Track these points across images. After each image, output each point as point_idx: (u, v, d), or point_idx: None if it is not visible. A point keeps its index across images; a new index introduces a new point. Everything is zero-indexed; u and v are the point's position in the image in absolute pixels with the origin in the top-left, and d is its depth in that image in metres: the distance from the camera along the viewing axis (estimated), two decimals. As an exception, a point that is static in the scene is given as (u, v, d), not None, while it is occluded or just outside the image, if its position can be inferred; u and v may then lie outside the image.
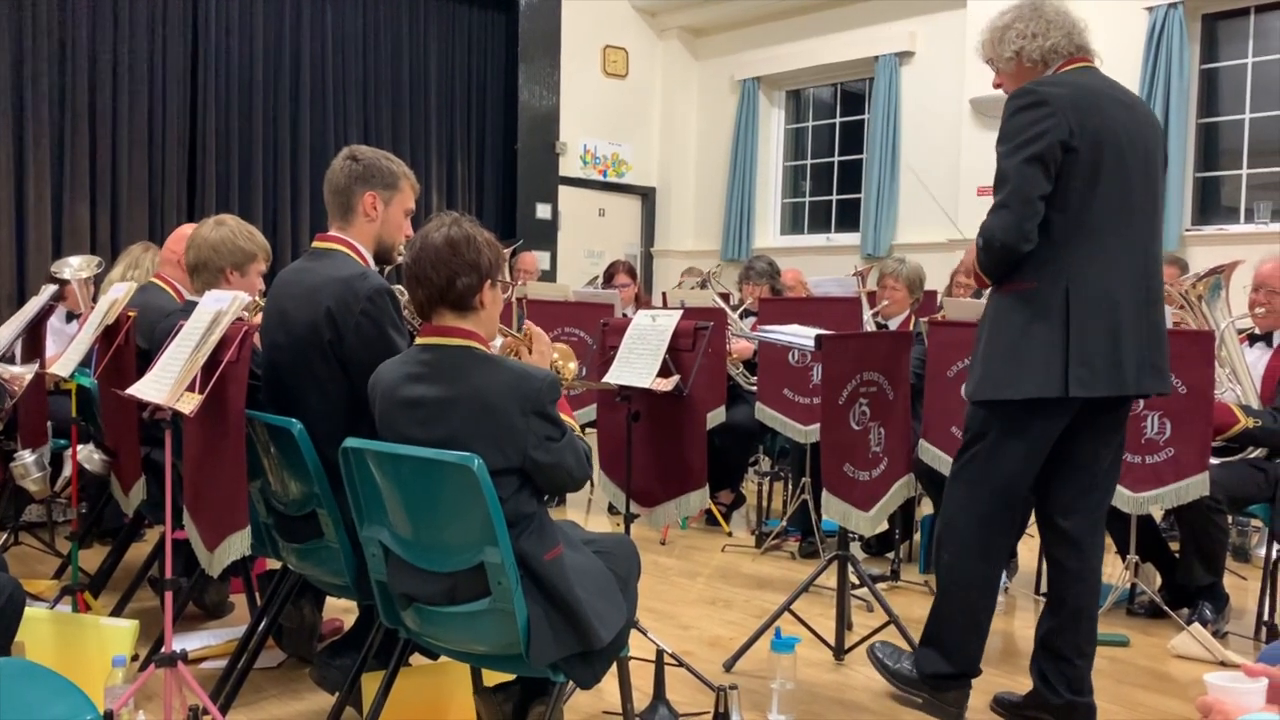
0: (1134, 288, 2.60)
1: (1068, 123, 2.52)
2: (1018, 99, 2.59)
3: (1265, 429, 3.65)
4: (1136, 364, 2.59)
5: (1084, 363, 2.54)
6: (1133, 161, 2.60)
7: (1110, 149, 2.56)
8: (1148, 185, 2.64)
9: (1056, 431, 2.68)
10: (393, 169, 2.79)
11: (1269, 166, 6.70)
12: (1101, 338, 2.55)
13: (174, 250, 3.77)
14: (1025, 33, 2.67)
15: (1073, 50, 2.67)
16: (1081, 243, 2.56)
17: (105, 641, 2.88)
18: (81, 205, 6.83)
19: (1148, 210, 2.65)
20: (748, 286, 5.76)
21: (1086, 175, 2.54)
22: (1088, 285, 2.55)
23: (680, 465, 3.36)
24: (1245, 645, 3.64)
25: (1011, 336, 2.62)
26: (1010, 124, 2.58)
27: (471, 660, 2.41)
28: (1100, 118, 2.56)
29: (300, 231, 7.80)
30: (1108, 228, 2.57)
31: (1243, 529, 4.88)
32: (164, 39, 7.15)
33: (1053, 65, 2.67)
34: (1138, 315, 2.60)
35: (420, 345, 2.25)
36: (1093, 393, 2.55)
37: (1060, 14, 2.68)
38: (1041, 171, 2.52)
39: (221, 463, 2.56)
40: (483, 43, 8.95)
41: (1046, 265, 2.57)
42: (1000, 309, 2.68)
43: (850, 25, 8.55)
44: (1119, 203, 2.58)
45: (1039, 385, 2.56)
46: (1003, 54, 2.72)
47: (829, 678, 3.27)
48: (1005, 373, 2.61)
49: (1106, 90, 2.64)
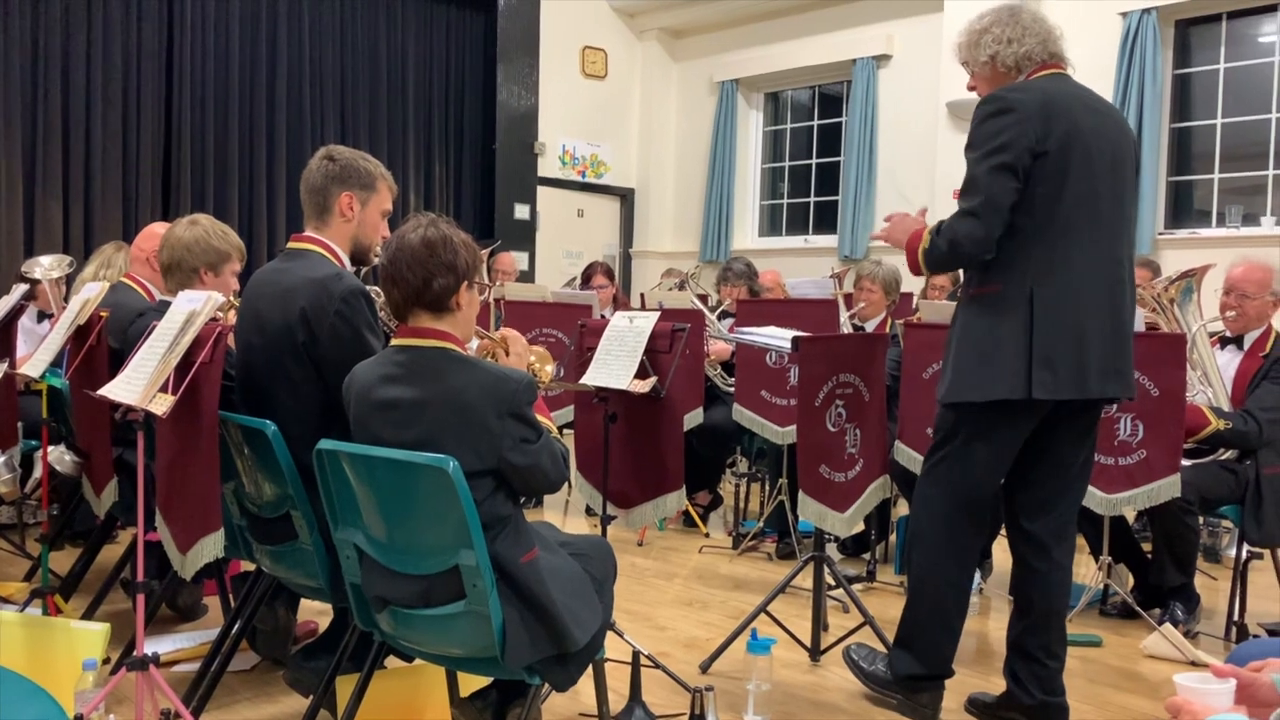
0: (1099, 292, 2.62)
1: (1034, 129, 2.54)
2: (986, 106, 2.62)
3: (1236, 431, 3.69)
4: (1099, 368, 2.61)
5: (1046, 365, 2.56)
6: (1101, 167, 2.62)
7: (1078, 155, 2.58)
8: (1116, 191, 2.66)
9: (1025, 433, 2.70)
10: (370, 169, 2.78)
11: (1240, 171, 6.78)
12: (1064, 341, 2.57)
13: (143, 249, 3.74)
14: (1001, 38, 2.69)
15: (1046, 57, 2.69)
16: (1047, 247, 2.58)
17: (76, 645, 2.85)
18: (54, 203, 6.77)
19: (1116, 216, 2.67)
20: (726, 288, 5.77)
21: (1053, 181, 2.56)
22: (1052, 289, 2.57)
23: (657, 467, 3.36)
24: (1216, 645, 3.68)
25: (977, 339, 2.64)
26: (979, 131, 2.61)
27: (446, 663, 2.41)
28: (1068, 124, 2.57)
29: (276, 231, 7.75)
30: (1073, 232, 2.59)
31: (1214, 530, 4.93)
32: (139, 35, 7.09)
33: (1026, 71, 2.69)
34: (1103, 319, 2.62)
35: (396, 346, 2.24)
36: (1055, 395, 2.57)
37: (1036, 21, 2.71)
38: (1011, 179, 2.55)
39: (195, 464, 2.54)
40: (461, 42, 8.93)
41: (1011, 268, 2.60)
42: (967, 312, 2.71)
43: (828, 28, 8.59)
44: (1086, 208, 2.60)
45: (1005, 388, 2.58)
46: (978, 58, 2.74)
47: (805, 679, 3.28)
48: (972, 375, 2.64)
49: (1076, 96, 2.66)
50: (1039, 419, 2.68)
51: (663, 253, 9.70)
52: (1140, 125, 6.75)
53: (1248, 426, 3.69)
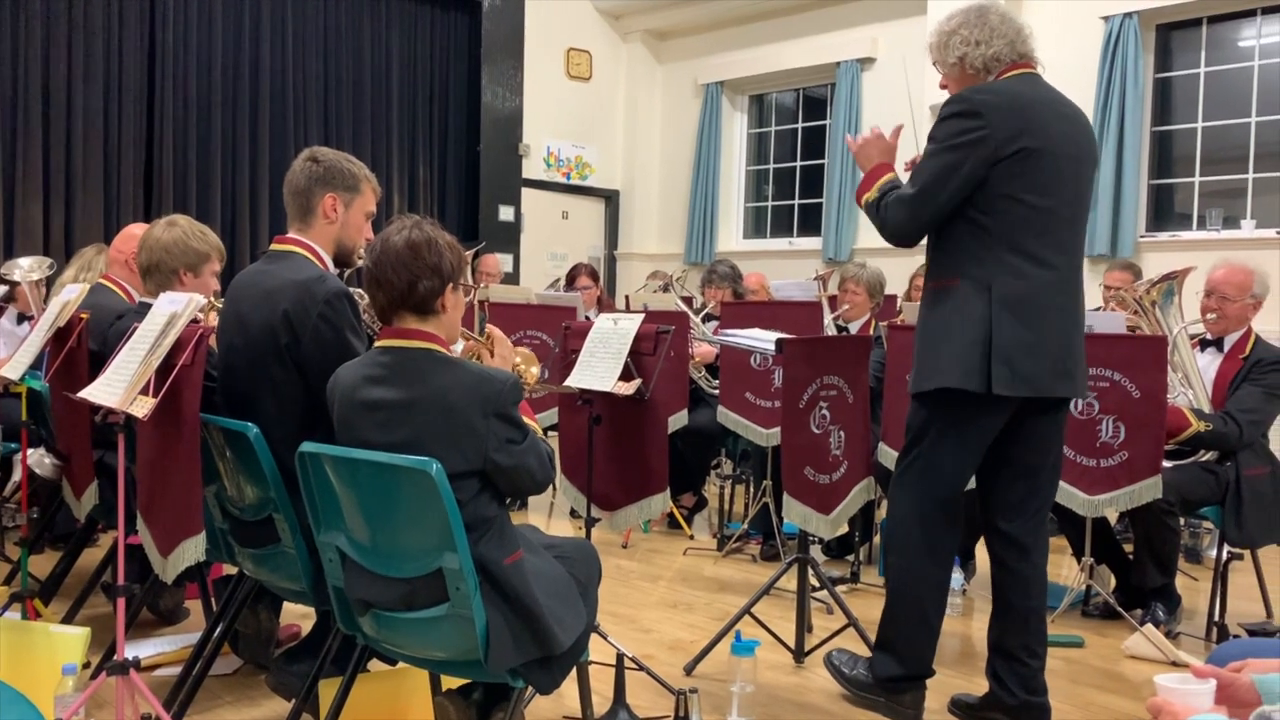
0: (1057, 293, 2.66)
1: (999, 134, 2.56)
2: (952, 105, 2.65)
3: (1216, 432, 3.72)
4: (1054, 368, 2.64)
5: (1004, 362, 2.59)
6: (1066, 171, 2.65)
7: (1045, 159, 2.60)
8: (1078, 195, 2.71)
9: (993, 430, 2.72)
10: (354, 171, 2.77)
11: (1221, 174, 6.83)
12: (1022, 340, 2.60)
13: (121, 250, 3.71)
14: (969, 39, 2.71)
15: (1015, 58, 2.71)
16: (1008, 247, 2.61)
17: (56, 649, 2.83)
18: (34, 204, 6.72)
19: (1076, 219, 2.72)
20: (710, 290, 5.78)
21: (1018, 182, 2.59)
22: (1011, 287, 2.60)
23: (642, 469, 3.36)
24: (1197, 645, 3.70)
25: (935, 330, 2.69)
26: (940, 127, 2.64)
27: (430, 666, 2.39)
28: (1036, 127, 2.60)
29: (259, 232, 7.71)
30: (1035, 234, 2.62)
31: (1194, 531, 4.96)
32: (120, 35, 7.05)
33: (995, 72, 2.71)
34: (1059, 320, 2.66)
35: (380, 348, 2.23)
36: (1013, 392, 2.61)
37: (1005, 21, 2.72)
38: (957, 182, 2.58)
39: (176, 467, 2.52)
40: (445, 43, 8.91)
41: (972, 264, 2.63)
42: (927, 306, 2.75)
43: (812, 31, 8.61)
44: (1049, 211, 2.63)
45: (960, 377, 2.61)
46: (947, 59, 2.77)
47: (789, 680, 3.28)
48: (930, 364, 2.69)
49: (1045, 100, 2.68)
50: (1005, 416, 2.71)
51: (647, 255, 9.70)
52: (1122, 128, 6.80)
53: (1228, 428, 3.72)
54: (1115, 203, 6.82)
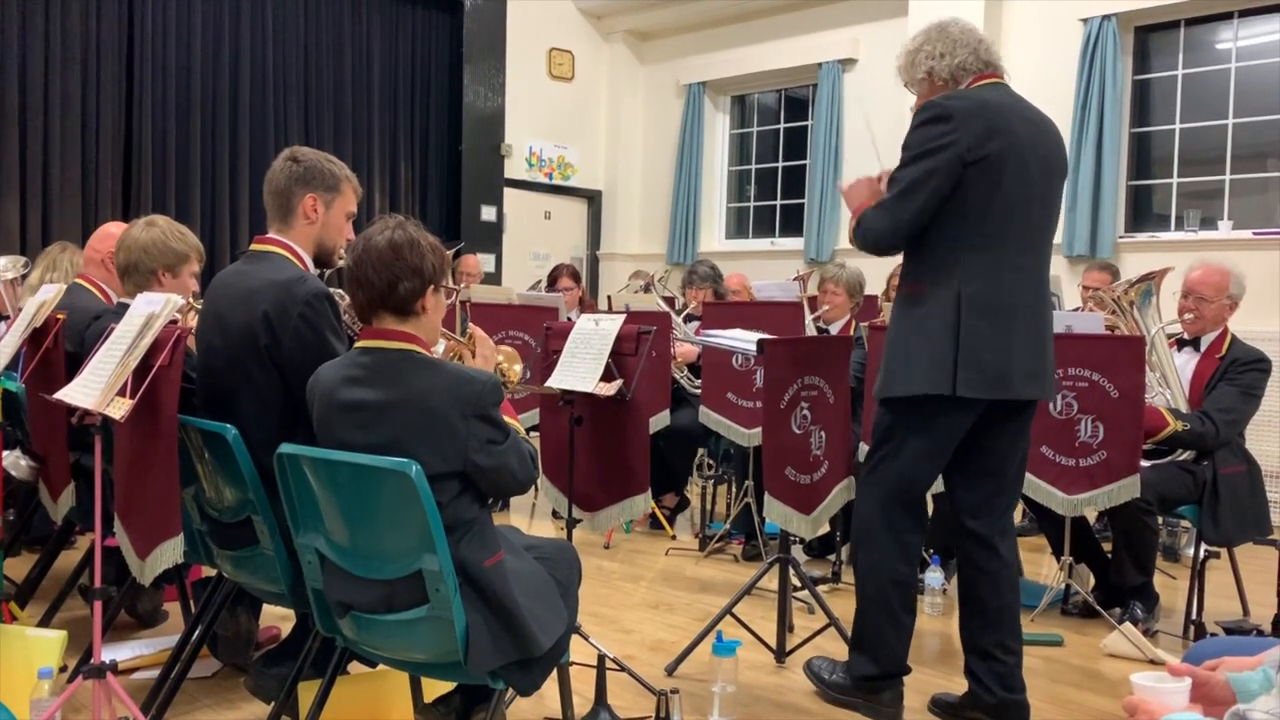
0: (1025, 297, 2.70)
1: (969, 138, 2.61)
2: (925, 112, 2.70)
3: (1193, 432, 3.75)
4: (1022, 370, 2.69)
5: (972, 365, 2.63)
6: (1035, 176, 2.70)
7: (1013, 163, 2.65)
8: (1046, 200, 2.77)
9: (960, 431, 2.76)
10: (334, 171, 2.75)
11: (1198, 175, 6.88)
12: (991, 343, 2.64)
13: (98, 250, 3.68)
14: (933, 53, 2.78)
15: (981, 66, 2.77)
16: (977, 252, 2.66)
17: (32, 652, 2.81)
18: (11, 203, 6.65)
19: (1045, 224, 2.78)
20: (691, 291, 5.78)
21: (987, 188, 2.64)
22: (980, 292, 2.65)
23: (623, 469, 3.36)
24: (1174, 644, 3.73)
25: (906, 336, 2.73)
26: (915, 135, 2.69)
27: (409, 668, 2.39)
28: (1005, 133, 2.65)
29: (239, 232, 7.66)
30: (1004, 239, 2.67)
31: (1172, 530, 5.00)
32: (98, 31, 6.99)
33: (963, 81, 2.77)
34: (1028, 324, 2.70)
35: (360, 348, 2.22)
36: (981, 395, 2.65)
37: (966, 32, 2.80)
38: (934, 185, 2.63)
39: (153, 469, 2.51)
40: (427, 43, 8.88)
41: (941, 270, 2.68)
42: (899, 311, 2.79)
43: (794, 32, 8.62)
44: (1018, 216, 2.68)
45: (930, 382, 2.65)
46: (915, 76, 2.85)
47: (770, 680, 3.28)
48: (901, 370, 2.72)
49: (1013, 108, 2.74)
50: (973, 418, 2.74)
51: (630, 255, 9.69)
52: (1101, 130, 6.84)
53: (1205, 428, 3.75)
54: (1094, 203, 6.86)
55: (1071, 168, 6.98)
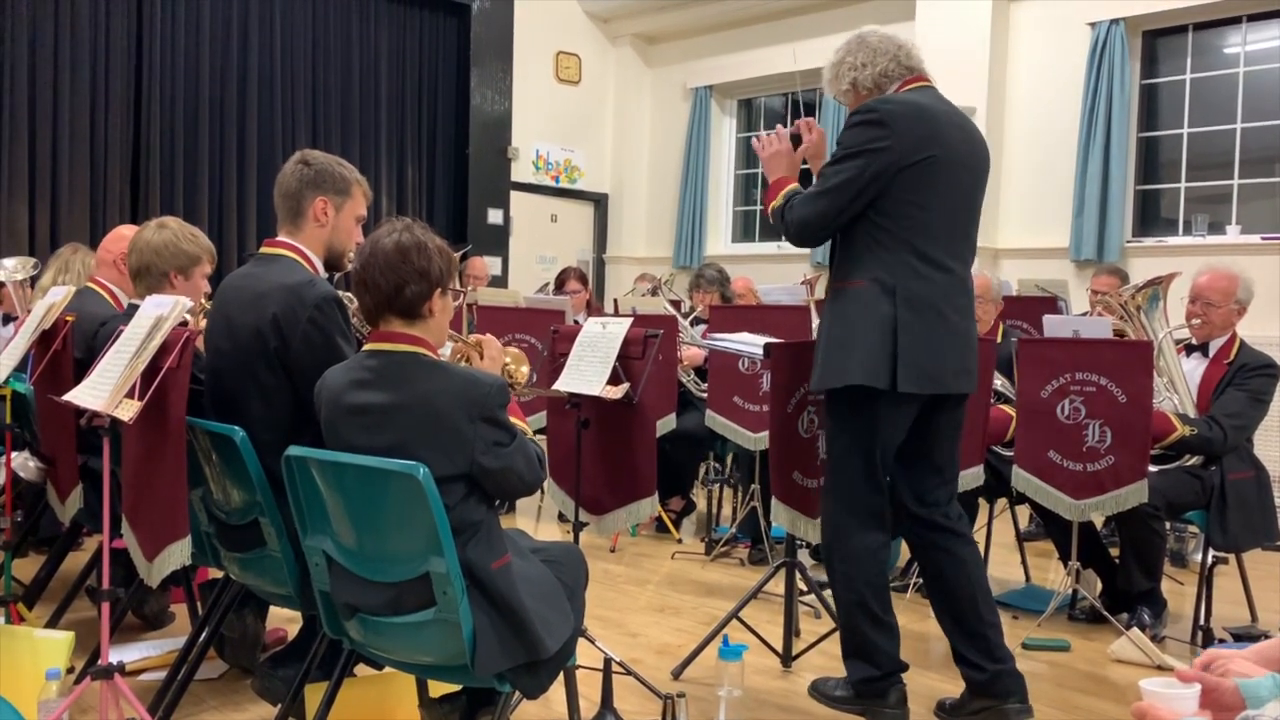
0: (955, 296, 2.77)
1: (904, 143, 2.66)
2: (860, 114, 2.75)
3: (1201, 437, 3.73)
4: (954, 366, 2.76)
5: (909, 362, 2.68)
6: (964, 180, 2.78)
7: (944, 167, 2.71)
8: (972, 204, 2.84)
9: (902, 422, 2.80)
10: (345, 174, 2.76)
11: (1207, 180, 6.87)
12: (924, 340, 2.70)
13: (110, 251, 3.69)
14: (855, 64, 2.84)
15: (904, 72, 2.83)
16: (908, 251, 2.71)
17: (39, 654, 2.82)
18: (20, 205, 6.68)
19: (971, 225, 2.86)
20: (698, 294, 5.78)
21: (920, 189, 2.69)
22: (915, 290, 2.70)
23: (630, 473, 3.36)
24: (1182, 649, 3.72)
25: (843, 330, 2.77)
26: (847, 134, 2.75)
27: (416, 671, 2.39)
28: (937, 137, 2.71)
29: (246, 235, 7.68)
30: (936, 239, 2.73)
31: (1180, 535, 4.98)
32: (107, 34, 7.01)
33: (888, 89, 2.82)
34: (958, 320, 2.77)
35: (367, 351, 2.22)
36: (920, 389, 2.70)
37: (885, 40, 2.85)
38: (862, 186, 2.69)
39: (161, 470, 2.51)
40: (434, 46, 8.90)
41: (876, 267, 2.73)
42: (834, 305, 2.83)
43: (802, 35, 8.62)
44: (947, 218, 2.75)
45: (866, 374, 2.69)
46: (840, 88, 2.91)
47: (776, 684, 3.28)
48: (835, 363, 2.76)
49: (943, 111, 2.78)
50: (913, 412, 2.80)
51: (636, 258, 9.70)
52: (1109, 134, 6.83)
53: (1213, 433, 3.73)
54: (1102, 208, 6.85)
55: (1079, 172, 6.99)
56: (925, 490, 2.90)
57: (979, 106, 7.07)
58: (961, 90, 2.99)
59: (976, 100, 7.07)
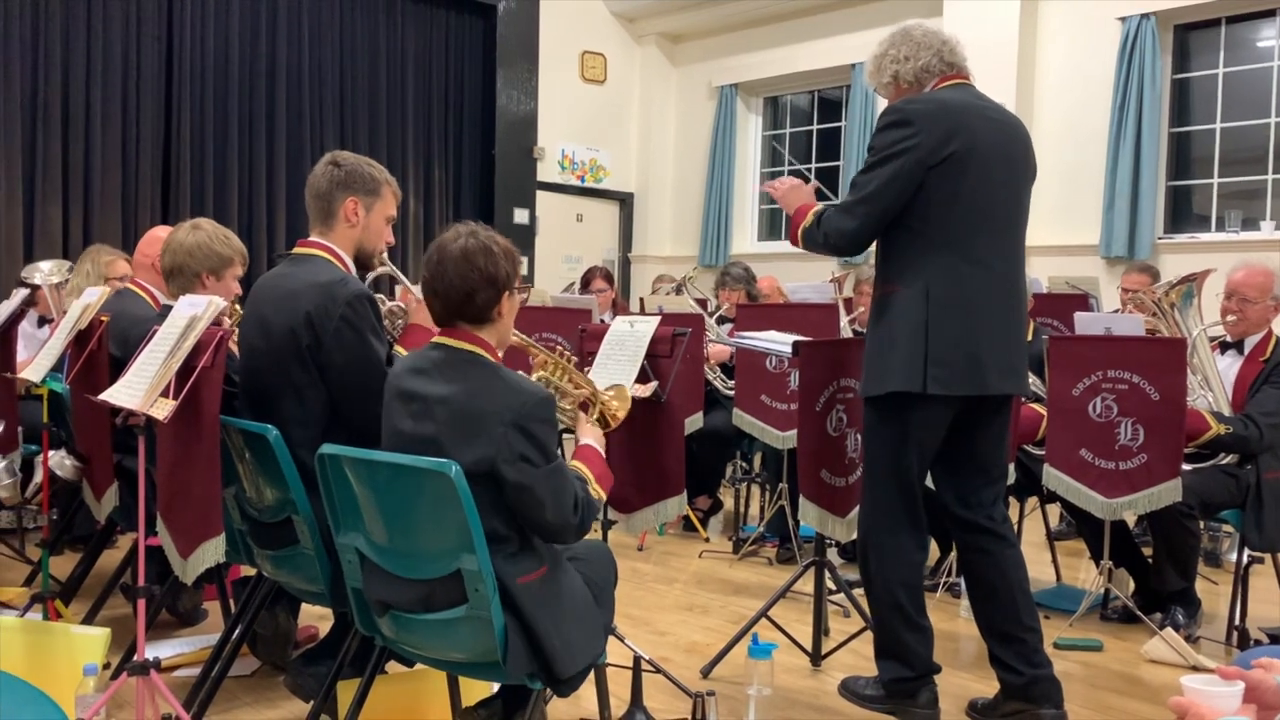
0: (992, 295, 2.73)
1: (930, 141, 2.65)
2: (886, 116, 2.74)
3: (1236, 435, 3.69)
4: (996, 366, 2.72)
5: (940, 363, 2.66)
6: (999, 175, 2.74)
7: (976, 163, 2.68)
8: (1012, 197, 2.80)
9: (938, 426, 2.78)
10: (375, 175, 2.79)
11: (1240, 175, 6.79)
12: (958, 340, 2.67)
13: (146, 254, 3.73)
14: (897, 57, 2.84)
15: (945, 68, 2.82)
16: (942, 251, 2.69)
17: (76, 650, 2.85)
18: (53, 208, 6.76)
19: (1012, 220, 2.82)
20: (724, 292, 5.77)
21: (949, 188, 2.67)
22: (946, 291, 2.68)
23: (658, 471, 3.35)
24: (1216, 650, 3.68)
25: (881, 336, 2.77)
26: (877, 138, 2.74)
27: (448, 668, 2.40)
28: (967, 133, 2.68)
29: (276, 235, 7.74)
30: (969, 238, 2.70)
31: (1214, 534, 4.93)
32: (138, 39, 7.09)
33: (927, 84, 2.82)
34: (996, 320, 2.73)
35: (435, 342, 2.26)
36: (950, 391, 2.68)
37: (929, 35, 2.84)
38: (897, 189, 2.67)
39: (195, 469, 2.54)
40: (460, 47, 8.93)
41: (908, 270, 2.72)
42: (874, 313, 2.83)
43: (827, 33, 8.59)
44: (981, 215, 2.72)
45: (902, 380, 2.69)
46: (881, 80, 2.90)
47: (806, 683, 3.27)
48: (877, 369, 2.77)
49: (976, 107, 2.76)
50: (950, 414, 2.77)
51: (662, 257, 9.69)
52: (1140, 130, 6.76)
53: (1248, 431, 3.69)
54: (1133, 204, 6.79)
55: (1109, 168, 6.92)
56: (969, 491, 2.87)
57: (1008, 103, 7.00)
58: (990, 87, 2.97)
59: (1005, 97, 6.97)
